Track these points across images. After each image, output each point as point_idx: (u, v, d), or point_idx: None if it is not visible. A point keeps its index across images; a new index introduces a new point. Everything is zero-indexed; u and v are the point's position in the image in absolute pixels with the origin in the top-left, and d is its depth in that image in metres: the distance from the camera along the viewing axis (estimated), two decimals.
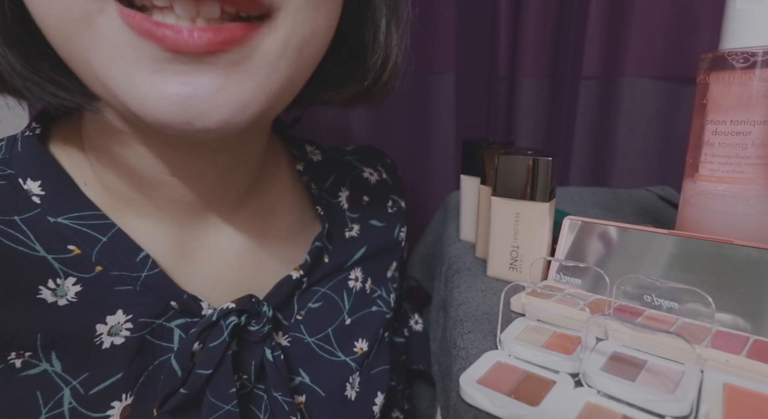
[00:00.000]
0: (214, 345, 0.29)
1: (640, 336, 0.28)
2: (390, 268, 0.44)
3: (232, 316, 0.30)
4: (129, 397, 0.28)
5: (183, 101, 0.22)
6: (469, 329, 0.33)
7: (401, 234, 0.45)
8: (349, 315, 0.39)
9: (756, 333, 0.29)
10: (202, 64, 0.22)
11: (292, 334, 0.35)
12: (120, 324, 0.28)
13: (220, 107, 0.22)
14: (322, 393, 0.35)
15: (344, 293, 0.39)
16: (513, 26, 0.68)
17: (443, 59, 0.69)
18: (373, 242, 0.42)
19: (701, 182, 0.36)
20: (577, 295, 0.35)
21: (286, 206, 0.38)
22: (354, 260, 0.40)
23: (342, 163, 0.45)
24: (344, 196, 0.42)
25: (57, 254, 0.27)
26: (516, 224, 0.39)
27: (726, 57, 0.33)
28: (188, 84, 0.22)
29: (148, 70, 0.21)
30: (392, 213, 0.45)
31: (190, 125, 0.22)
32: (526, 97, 0.70)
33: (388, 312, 0.42)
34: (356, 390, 0.37)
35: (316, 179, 0.41)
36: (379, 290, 0.42)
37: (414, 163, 0.72)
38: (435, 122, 0.71)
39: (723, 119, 0.34)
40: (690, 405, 0.23)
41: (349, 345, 0.38)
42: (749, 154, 0.33)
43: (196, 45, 0.21)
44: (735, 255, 0.31)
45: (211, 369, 0.29)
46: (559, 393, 0.25)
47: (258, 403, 0.32)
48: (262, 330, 0.31)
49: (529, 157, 0.37)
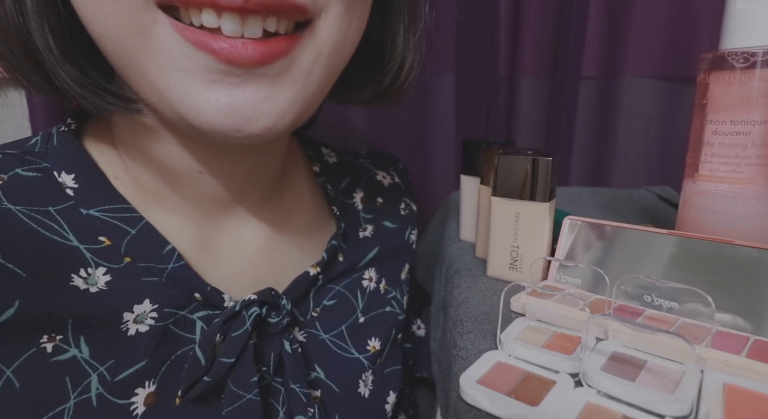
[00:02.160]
0: (236, 334, 0.30)
1: (640, 336, 0.28)
2: (403, 270, 0.45)
3: (254, 307, 0.31)
4: (152, 385, 0.29)
5: (233, 111, 0.24)
6: (469, 329, 0.33)
7: (412, 236, 0.46)
8: (363, 314, 0.39)
9: (756, 333, 0.29)
10: (252, 76, 0.24)
11: (308, 330, 0.36)
12: (146, 312, 0.29)
13: (266, 115, 0.24)
14: (336, 389, 0.36)
15: (358, 292, 0.40)
16: (513, 26, 0.68)
17: (443, 59, 0.69)
18: (386, 243, 0.43)
19: (701, 182, 0.36)
20: (577, 295, 0.35)
21: (304, 205, 0.39)
22: (367, 259, 0.41)
23: (356, 166, 0.46)
24: (359, 197, 0.43)
25: (89, 244, 0.28)
26: (516, 224, 0.39)
27: (726, 57, 0.33)
28: (237, 95, 0.24)
29: (202, 81, 0.23)
30: (404, 215, 0.46)
31: (238, 132, 0.24)
32: (526, 97, 0.70)
33: (401, 314, 0.43)
34: (369, 388, 0.38)
35: (332, 181, 0.42)
36: (394, 292, 0.42)
37: (414, 163, 0.72)
38: (435, 122, 0.71)
39: (723, 119, 0.34)
40: (690, 405, 0.23)
41: (363, 343, 0.39)
42: (749, 154, 0.33)
43: (250, 57, 0.23)
44: (735, 255, 0.31)
45: (234, 357, 0.29)
46: (559, 393, 0.25)
47: (276, 395, 0.32)
48: (281, 322, 0.32)
49: (529, 157, 0.37)
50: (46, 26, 0.25)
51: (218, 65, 0.23)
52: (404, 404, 0.47)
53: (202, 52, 0.23)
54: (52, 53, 0.26)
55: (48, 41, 0.25)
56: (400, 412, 0.46)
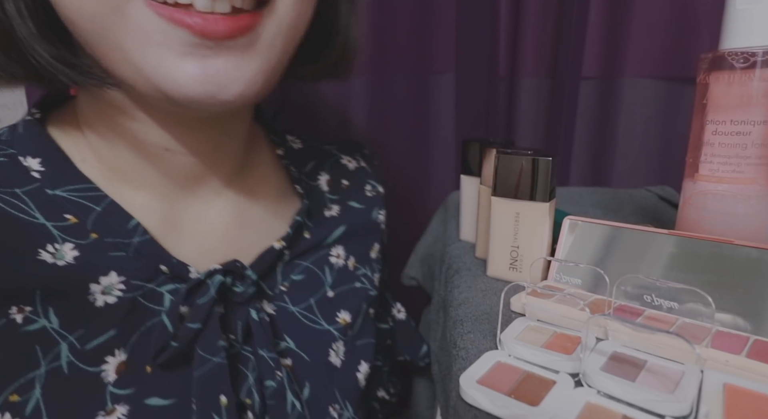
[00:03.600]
0: (202, 301, 0.31)
1: (640, 336, 0.28)
2: (373, 249, 0.46)
3: (218, 275, 0.32)
4: (122, 354, 0.30)
5: (207, 79, 0.26)
6: (469, 329, 0.33)
7: (380, 216, 0.48)
8: (332, 289, 0.41)
9: (756, 333, 0.29)
10: (222, 49, 0.26)
11: (277, 303, 0.38)
12: (113, 284, 0.30)
13: (236, 83, 0.27)
14: (306, 358, 0.37)
15: (326, 268, 0.41)
16: (513, 26, 0.68)
17: (443, 59, 0.69)
18: (353, 222, 0.44)
19: (701, 182, 0.36)
20: (577, 295, 0.35)
21: (269, 186, 0.41)
22: (335, 237, 0.42)
23: (321, 151, 0.48)
24: (324, 179, 0.45)
25: (55, 222, 0.30)
26: (516, 224, 0.39)
27: (726, 57, 0.33)
28: (211, 65, 0.26)
29: (177, 53, 0.25)
30: (371, 197, 0.48)
31: (213, 99, 0.27)
32: (526, 97, 0.70)
33: (372, 290, 0.44)
34: (341, 358, 0.39)
35: (296, 164, 0.44)
36: (364, 269, 0.44)
37: (414, 163, 0.72)
38: (435, 122, 0.71)
39: (723, 119, 0.34)
40: (690, 405, 0.23)
41: (332, 316, 0.40)
42: (749, 154, 0.33)
43: (221, 31, 0.25)
44: (735, 255, 0.31)
45: (200, 323, 0.31)
46: (559, 393, 0.25)
47: (245, 363, 0.34)
48: (247, 291, 0.34)
49: (529, 157, 0.37)
50: (23, 6, 0.27)
51: (192, 38, 0.25)
52: (383, 381, 0.48)
53: (177, 27, 0.25)
54: (31, 33, 0.27)
55: (26, 22, 0.27)
56: (379, 389, 0.47)
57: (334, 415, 0.37)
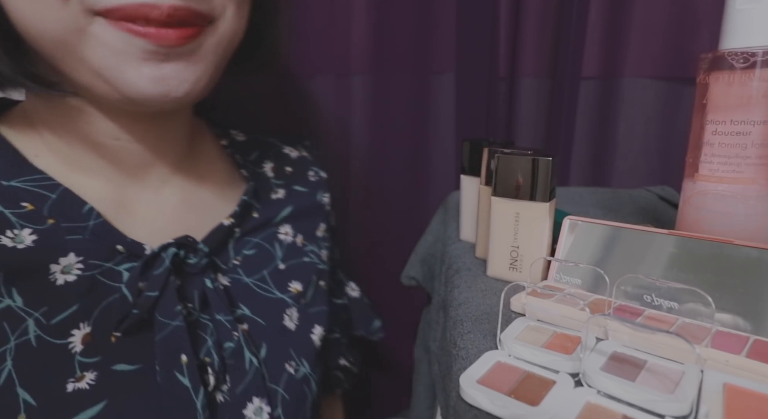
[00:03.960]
0: (158, 272, 0.34)
1: (640, 336, 0.28)
2: (319, 228, 0.50)
3: (172, 248, 0.36)
4: (87, 326, 0.32)
5: (162, 81, 0.31)
6: (469, 329, 0.33)
7: (324, 199, 0.52)
8: (282, 262, 0.44)
9: (756, 333, 0.29)
10: (172, 55, 0.31)
11: (231, 276, 0.41)
12: (72, 264, 0.33)
13: (185, 83, 0.32)
14: (262, 322, 0.41)
15: (275, 244, 0.45)
16: (513, 26, 0.68)
17: (443, 59, 0.69)
18: (298, 204, 0.48)
19: (701, 182, 0.36)
20: (577, 295, 0.35)
21: (215, 172, 0.45)
22: (282, 217, 0.46)
23: (264, 142, 0.52)
24: (268, 167, 0.49)
25: (13, 209, 0.32)
26: (516, 224, 0.39)
27: (726, 57, 0.33)
28: (164, 69, 0.31)
29: (137, 59, 0.30)
30: (314, 181, 0.52)
31: (166, 97, 0.32)
32: (526, 97, 0.70)
33: (321, 264, 0.48)
34: (295, 323, 0.43)
35: (241, 153, 0.48)
36: (311, 246, 0.48)
37: (414, 163, 0.72)
38: (435, 122, 0.71)
39: (723, 119, 0.34)
40: (690, 405, 0.23)
41: (284, 285, 0.44)
42: (749, 154, 0.33)
43: (173, 39, 0.30)
44: (735, 255, 0.31)
45: (158, 291, 0.34)
46: (559, 393, 0.26)
47: (204, 329, 0.37)
48: (200, 262, 0.37)
49: (529, 157, 0.37)
50: None
51: (150, 46, 0.30)
52: (344, 351, 0.54)
53: (136, 38, 0.29)
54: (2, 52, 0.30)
55: None
56: (340, 358, 0.54)
57: (290, 371, 0.40)
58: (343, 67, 0.66)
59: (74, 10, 0.28)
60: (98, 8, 0.28)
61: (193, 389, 0.34)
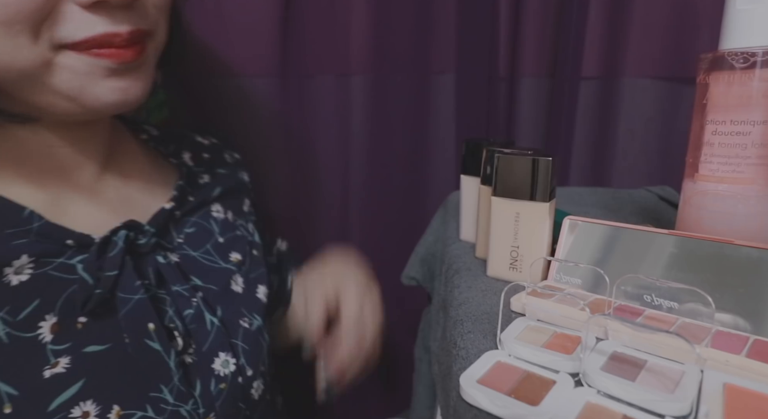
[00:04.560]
0: (113, 254, 0.37)
1: (640, 336, 0.28)
2: (244, 204, 0.55)
3: (122, 230, 0.38)
4: (53, 317, 0.35)
5: (123, 91, 0.35)
6: (469, 329, 0.33)
7: (245, 177, 0.57)
8: (221, 236, 0.49)
9: (756, 333, 0.29)
10: (127, 69, 0.35)
11: (179, 252, 0.44)
12: (24, 265, 0.35)
13: (137, 89, 0.36)
14: (214, 288, 0.45)
15: (211, 221, 0.49)
16: (513, 26, 0.68)
17: (443, 59, 0.69)
18: (224, 184, 0.53)
19: (701, 182, 0.36)
20: (577, 295, 0.35)
21: (143, 166, 0.48)
22: (214, 196, 0.51)
23: (177, 134, 0.55)
24: (187, 156, 0.52)
25: None
26: (516, 224, 0.39)
27: (726, 57, 0.33)
28: (124, 81, 0.35)
29: (101, 77, 0.34)
30: (231, 163, 0.56)
31: (124, 104, 0.36)
32: (526, 98, 0.70)
33: (251, 235, 0.53)
34: (242, 287, 0.47)
35: (161, 146, 0.52)
36: (240, 221, 0.53)
37: (414, 163, 0.72)
38: (435, 122, 0.71)
39: (723, 119, 0.34)
40: (690, 405, 0.23)
41: (226, 256, 0.48)
42: (749, 154, 0.33)
43: (130, 56, 0.35)
44: (735, 255, 0.31)
45: (117, 270, 0.36)
46: (559, 393, 0.26)
47: (163, 302, 0.40)
48: (149, 241, 0.40)
49: (529, 157, 0.37)
50: None
51: (113, 65, 0.34)
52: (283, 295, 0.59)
53: (101, 59, 0.33)
54: None
55: None
56: (278, 307, 0.58)
57: (245, 325, 0.45)
58: (343, 67, 0.66)
59: (44, 47, 0.31)
60: (67, 42, 0.32)
61: (164, 351, 0.37)
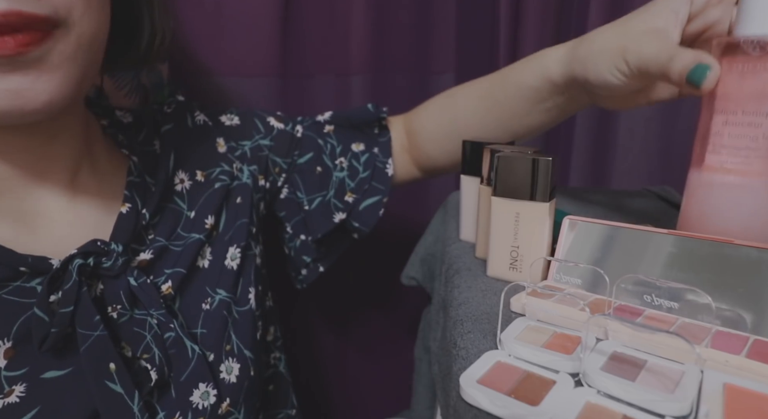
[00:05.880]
0: (68, 286, 0.34)
1: (640, 336, 0.28)
2: (219, 145, 0.50)
3: (77, 259, 0.35)
4: (7, 342, 0.33)
5: (11, 95, 0.29)
6: (469, 329, 0.33)
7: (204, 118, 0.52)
8: (189, 209, 0.45)
9: (756, 333, 0.29)
10: (17, 64, 0.29)
11: (152, 246, 0.41)
12: None
13: (42, 94, 0.30)
14: (182, 271, 0.42)
15: (176, 199, 0.45)
16: (513, 26, 0.68)
17: (443, 59, 0.69)
18: (177, 141, 0.48)
19: (707, 173, 0.34)
20: (577, 295, 0.35)
21: (119, 169, 0.43)
22: (171, 168, 0.46)
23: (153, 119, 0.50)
24: (158, 144, 0.47)
25: None
26: (516, 224, 0.39)
27: (740, 45, 0.31)
28: (11, 80, 0.29)
29: None
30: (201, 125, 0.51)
31: (22, 111, 0.30)
32: None
33: (230, 182, 0.49)
34: (208, 259, 0.45)
35: (124, 134, 0.47)
36: (216, 169, 0.48)
37: None
38: None
39: (734, 110, 0.32)
40: (690, 405, 0.23)
41: (201, 226, 0.44)
42: (760, 146, 0.32)
43: (12, 47, 0.28)
44: (735, 255, 0.31)
45: (72, 306, 0.34)
46: (559, 393, 0.26)
47: (142, 325, 0.38)
48: (116, 264, 0.36)
49: (529, 157, 0.37)
50: None
51: None
52: None
53: None
54: None
55: None
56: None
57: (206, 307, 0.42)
58: (343, 67, 0.66)
59: None
60: None
61: (127, 394, 0.34)
